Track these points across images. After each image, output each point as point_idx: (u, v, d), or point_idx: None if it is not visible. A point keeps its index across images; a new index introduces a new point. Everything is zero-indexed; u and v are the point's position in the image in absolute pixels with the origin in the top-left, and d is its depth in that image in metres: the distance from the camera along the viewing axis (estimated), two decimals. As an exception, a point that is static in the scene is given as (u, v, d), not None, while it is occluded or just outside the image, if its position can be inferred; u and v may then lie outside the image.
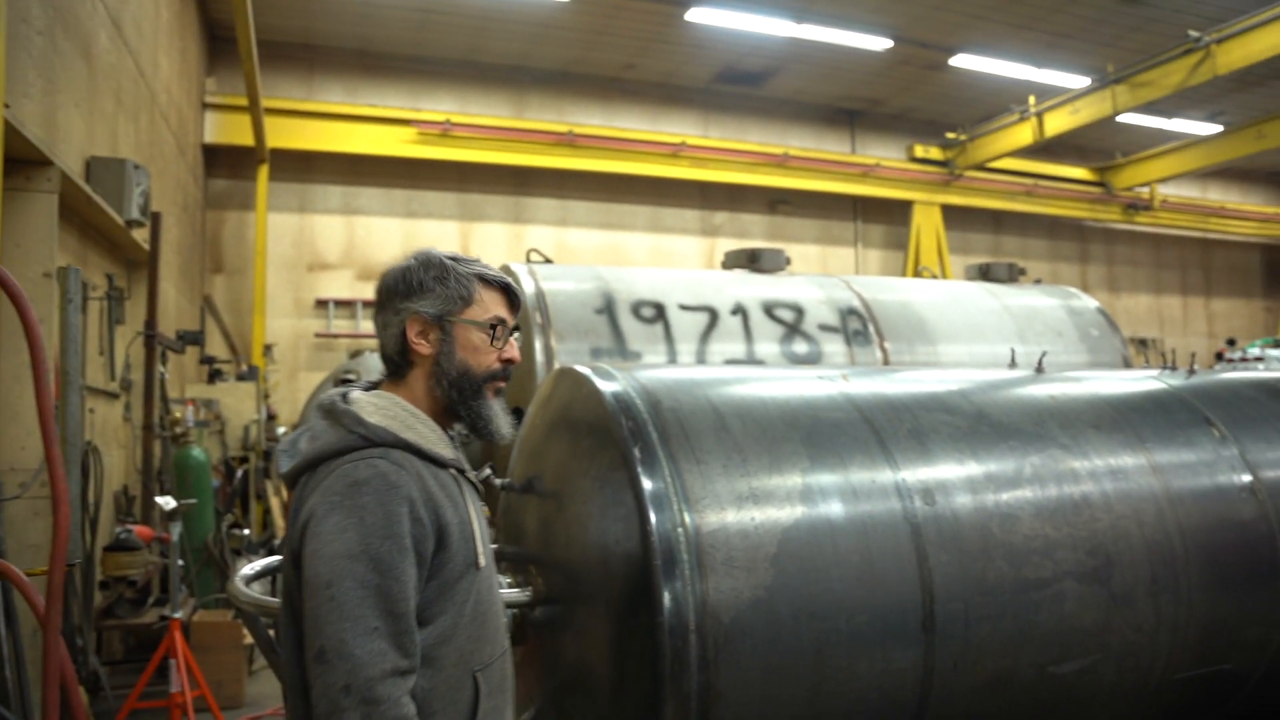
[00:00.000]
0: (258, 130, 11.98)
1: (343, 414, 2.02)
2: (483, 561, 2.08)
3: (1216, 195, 19.86)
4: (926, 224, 16.18)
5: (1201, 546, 3.46)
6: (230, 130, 12.75)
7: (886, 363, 5.99)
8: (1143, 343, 18.75)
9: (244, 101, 11.56)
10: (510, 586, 3.34)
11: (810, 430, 2.98)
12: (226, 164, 13.41)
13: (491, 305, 2.14)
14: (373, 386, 2.16)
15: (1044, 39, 13.72)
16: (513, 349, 2.16)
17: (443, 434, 2.11)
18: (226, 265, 13.70)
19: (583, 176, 14.62)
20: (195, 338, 9.24)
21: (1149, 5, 12.76)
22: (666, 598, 2.61)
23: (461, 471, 2.13)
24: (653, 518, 2.68)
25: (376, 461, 1.93)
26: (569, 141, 13.98)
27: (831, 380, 3.29)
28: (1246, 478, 3.70)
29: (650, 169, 14.57)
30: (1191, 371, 4.37)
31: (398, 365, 2.13)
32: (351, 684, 1.78)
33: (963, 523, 2.98)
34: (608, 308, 5.61)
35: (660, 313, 5.72)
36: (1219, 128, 16.11)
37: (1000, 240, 17.83)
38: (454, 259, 2.15)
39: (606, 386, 3.06)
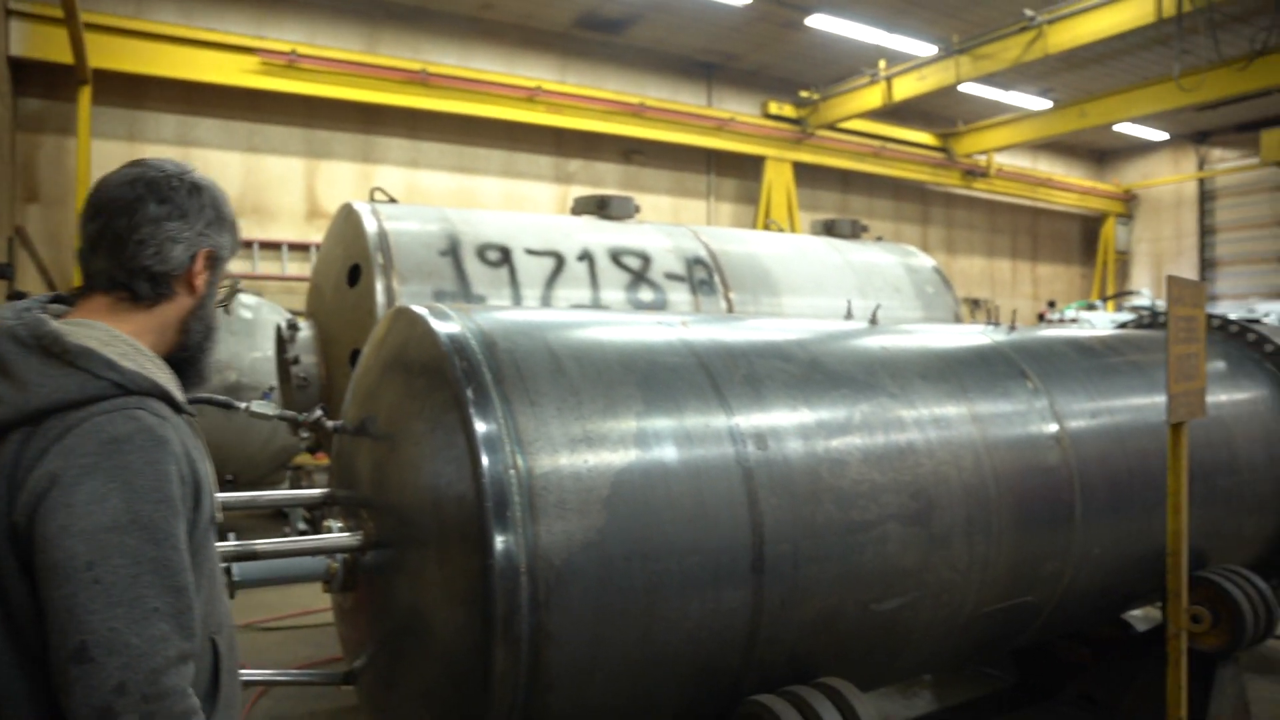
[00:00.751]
0: (77, 46, 11.02)
1: (76, 353, 1.65)
2: (219, 517, 1.90)
3: (1045, 167, 21.02)
4: (778, 180, 16.49)
5: (1012, 490, 3.67)
6: (44, 44, 11.69)
7: (731, 312, 6.08)
8: (976, 302, 19.77)
9: (58, 12, 10.59)
10: (341, 531, 3.24)
11: (647, 375, 2.98)
12: (41, 82, 12.32)
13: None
14: (50, 304, 1.82)
15: (896, 4, 14.08)
16: None
17: (172, 373, 1.84)
18: (43, 194, 12.66)
19: (436, 117, 14.18)
20: (3, 271, 8.53)
21: (993, -20, 13.30)
22: (497, 540, 2.57)
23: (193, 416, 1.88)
24: (484, 459, 2.62)
25: (136, 413, 1.64)
26: (422, 80, 13.51)
27: (670, 326, 3.30)
28: (1054, 427, 3.94)
29: (505, 113, 14.27)
30: (1013, 328, 4.61)
31: (145, 291, 1.81)
32: (128, 680, 1.51)
33: (794, 467, 3.05)
34: (452, 250, 5.46)
35: (506, 256, 5.61)
36: (1049, 103, 16.98)
37: (848, 199, 18.38)
38: None
39: (442, 327, 2.97)
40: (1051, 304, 18.67)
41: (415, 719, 3.03)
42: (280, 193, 13.95)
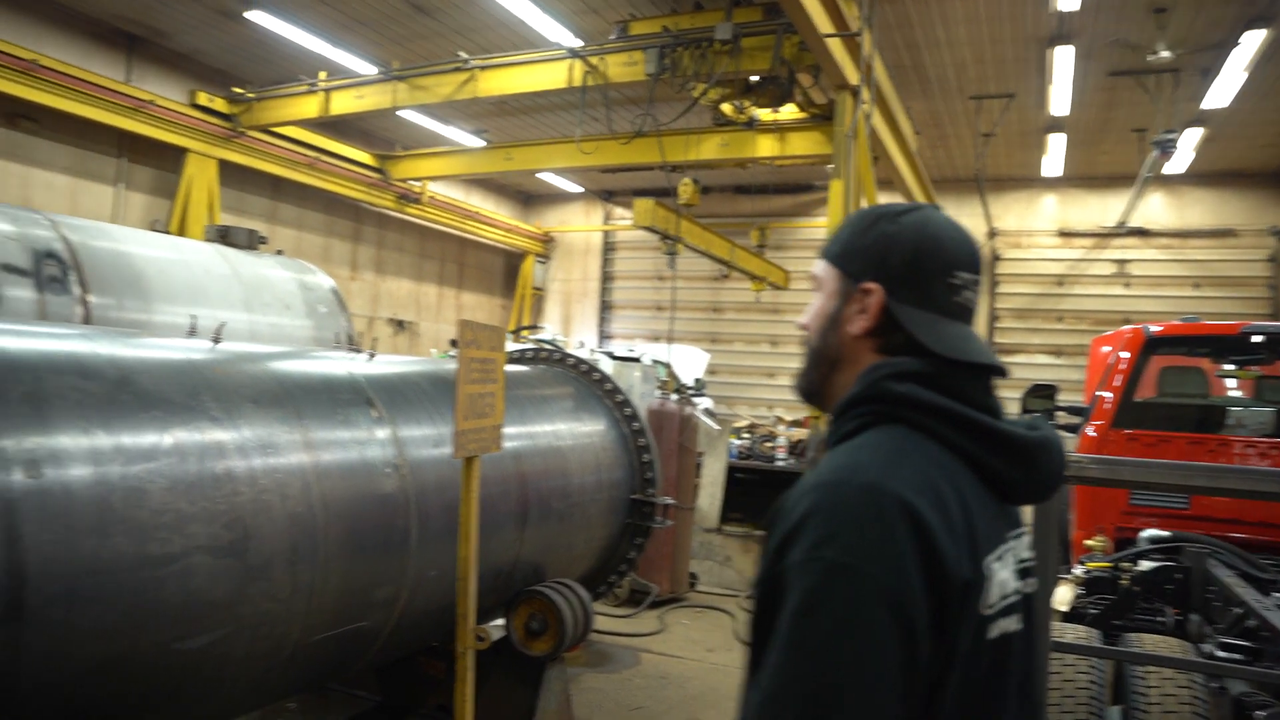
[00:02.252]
0: None
1: None
2: None
3: (477, 201, 22.30)
4: (201, 176, 15.33)
5: (343, 517, 3.72)
6: None
7: (88, 318, 5.43)
8: (400, 324, 20.22)
9: None
10: None
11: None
12: None
13: None
14: None
15: (340, 20, 13.94)
16: None
17: None
18: None
19: None
20: None
21: (434, 19, 13.76)
22: None
23: None
24: None
25: None
26: None
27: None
28: (394, 454, 4.09)
29: None
30: (372, 356, 4.72)
31: None
32: None
33: (77, 497, 2.76)
34: None
35: None
36: (482, 143, 18.07)
37: (278, 207, 17.70)
38: None
39: None
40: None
41: None
42: None
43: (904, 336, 1.51)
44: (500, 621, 5.28)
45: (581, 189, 23.21)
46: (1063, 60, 12.58)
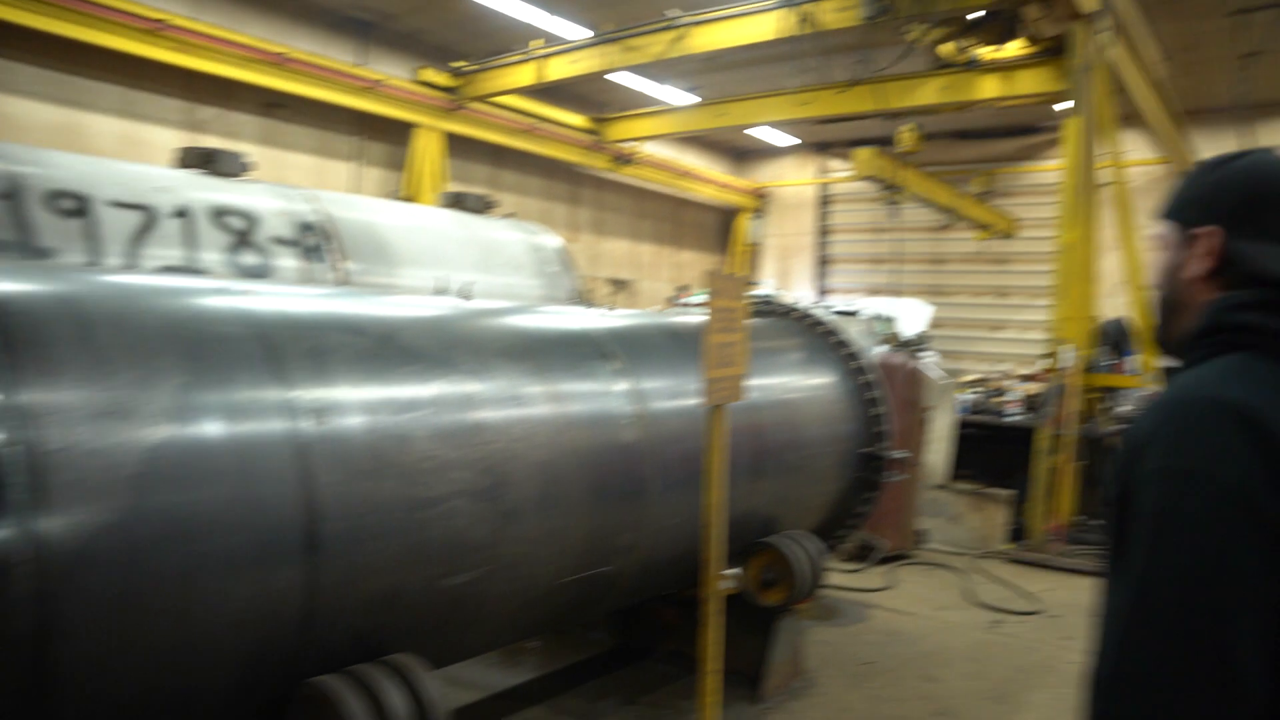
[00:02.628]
0: None
1: None
2: None
3: (691, 159, 22.38)
4: (428, 149, 16.19)
5: (587, 465, 3.86)
6: None
7: (344, 282, 5.88)
8: (620, 283, 20.68)
9: None
10: None
11: (194, 345, 2.79)
12: None
13: None
14: None
15: (553, -13, 14.30)
16: None
17: None
18: None
19: (31, 34, 12.38)
20: None
21: (643, -23, 13.86)
22: (-10, 527, 2.29)
23: None
24: (-25, 435, 2.32)
25: None
26: (14, -8, 11.73)
27: (231, 295, 3.11)
28: (633, 406, 4.19)
29: (121, 43, 12.76)
30: (609, 312, 4.85)
31: None
32: None
33: (355, 443, 3.00)
34: (13, 194, 4.79)
35: (84, 207, 5.02)
36: (695, 100, 18.07)
37: (499, 174, 18.45)
38: None
39: (-58, 282, 2.60)
40: (684, 288, 19.97)
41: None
42: None
43: (1245, 271, 1.57)
44: (734, 571, 5.32)
45: (796, 141, 22.78)
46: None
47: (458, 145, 16.96)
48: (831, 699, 5.80)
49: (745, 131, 20.87)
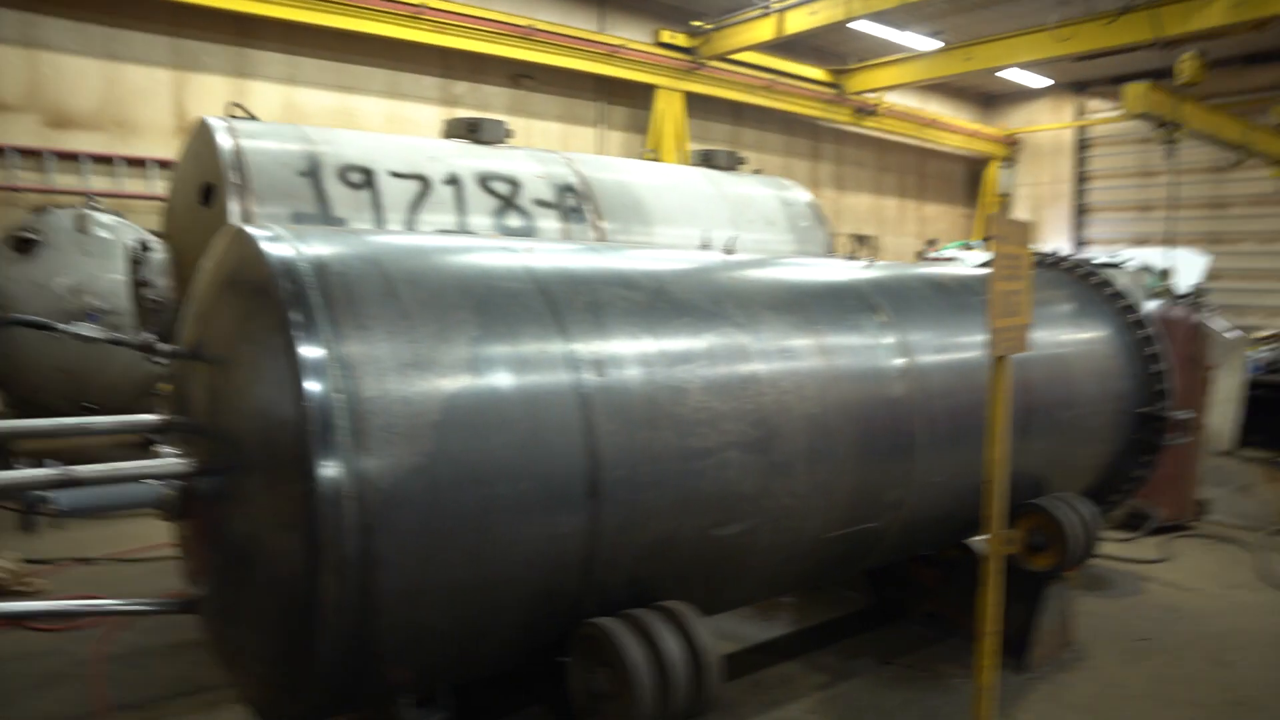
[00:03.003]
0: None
1: None
2: None
3: (934, 108, 21.37)
4: (669, 110, 16.35)
5: (855, 420, 3.77)
6: None
7: (602, 240, 6.05)
8: (862, 238, 20.14)
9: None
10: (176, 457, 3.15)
11: (484, 300, 2.94)
12: None
13: None
14: None
15: (790, -63, 13.99)
16: None
17: None
18: None
19: (314, 31, 13.53)
20: None
21: (882, -85, 13.26)
22: (322, 465, 2.52)
23: None
24: (309, 384, 2.56)
25: None
26: (298, -10, 12.84)
27: (513, 253, 3.25)
28: (900, 360, 4.05)
29: (388, 29, 13.71)
30: (870, 264, 4.70)
31: None
32: None
33: (632, 394, 3.07)
34: (313, 171, 5.26)
35: (369, 179, 5.43)
36: (939, 44, 17.19)
37: (739, 132, 18.37)
38: None
39: (272, 248, 2.86)
40: (932, 242, 19.18)
41: (250, 646, 2.99)
42: (145, 106, 13.15)
43: None
44: (1012, 532, 5.06)
45: (1049, 82, 21.20)
46: None
47: (697, 105, 17.02)
48: (1104, 674, 5.42)
49: (994, 75, 19.63)
